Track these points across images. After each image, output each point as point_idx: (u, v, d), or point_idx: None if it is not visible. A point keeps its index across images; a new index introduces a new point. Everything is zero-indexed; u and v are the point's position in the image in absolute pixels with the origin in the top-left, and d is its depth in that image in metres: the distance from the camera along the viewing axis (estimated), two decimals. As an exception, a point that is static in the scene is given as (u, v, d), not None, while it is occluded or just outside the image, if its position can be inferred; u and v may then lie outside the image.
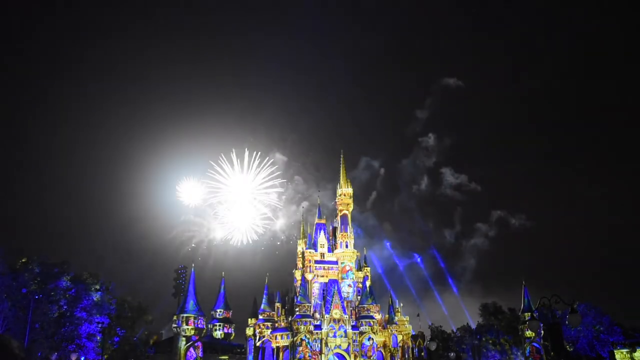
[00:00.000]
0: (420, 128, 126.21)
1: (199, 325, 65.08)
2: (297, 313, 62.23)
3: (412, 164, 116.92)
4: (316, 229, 70.79)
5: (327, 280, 67.24)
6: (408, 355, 66.70)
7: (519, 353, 73.28)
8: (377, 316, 65.49)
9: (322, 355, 60.52)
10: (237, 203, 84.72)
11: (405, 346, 66.99)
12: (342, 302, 63.88)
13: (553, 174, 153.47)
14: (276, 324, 64.46)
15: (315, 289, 66.90)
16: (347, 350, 61.61)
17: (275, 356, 62.35)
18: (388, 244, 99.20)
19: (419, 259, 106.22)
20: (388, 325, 66.48)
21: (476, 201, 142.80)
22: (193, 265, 70.57)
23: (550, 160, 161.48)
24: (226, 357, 71.92)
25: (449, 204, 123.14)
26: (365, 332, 62.80)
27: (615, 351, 69.91)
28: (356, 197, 74.49)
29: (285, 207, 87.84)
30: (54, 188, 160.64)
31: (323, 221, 71.91)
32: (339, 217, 71.64)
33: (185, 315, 64.51)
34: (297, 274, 69.42)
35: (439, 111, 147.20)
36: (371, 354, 62.40)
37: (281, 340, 62.47)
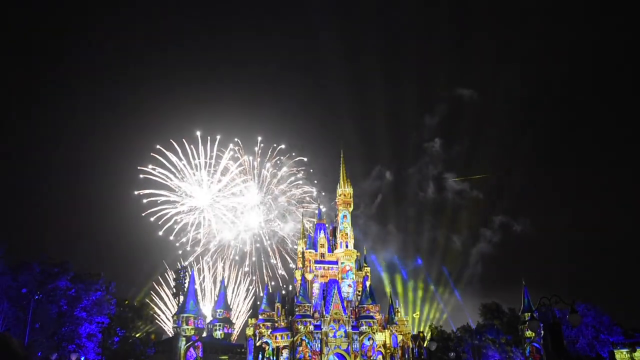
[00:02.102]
0: (428, 134, 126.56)
1: (199, 325, 65.18)
2: (297, 313, 62.17)
3: (417, 169, 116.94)
4: (316, 229, 70.71)
5: (327, 280, 67.13)
6: (408, 355, 66.67)
7: (519, 353, 73.25)
8: (377, 316, 65.46)
9: (322, 355, 60.46)
10: (247, 206, 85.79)
11: (405, 346, 66.95)
12: (342, 302, 63.80)
13: (553, 177, 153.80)
14: (276, 324, 64.36)
15: (315, 289, 66.80)
16: (347, 350, 61.57)
17: (275, 356, 62.30)
18: (391, 246, 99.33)
19: (420, 262, 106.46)
20: (388, 325, 66.44)
21: (478, 206, 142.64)
22: (193, 265, 70.78)
23: (549, 164, 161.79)
24: (226, 357, 71.75)
25: (452, 209, 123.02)
26: (365, 332, 62.76)
27: (615, 351, 69.83)
28: (363, 201, 74.42)
29: (293, 210, 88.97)
30: (55, 188, 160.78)
31: (323, 221, 71.82)
32: (339, 217, 71.59)
33: (185, 315, 64.60)
34: (297, 274, 69.36)
35: (447, 119, 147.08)
36: (371, 354, 62.34)
37: (281, 340, 62.39)
